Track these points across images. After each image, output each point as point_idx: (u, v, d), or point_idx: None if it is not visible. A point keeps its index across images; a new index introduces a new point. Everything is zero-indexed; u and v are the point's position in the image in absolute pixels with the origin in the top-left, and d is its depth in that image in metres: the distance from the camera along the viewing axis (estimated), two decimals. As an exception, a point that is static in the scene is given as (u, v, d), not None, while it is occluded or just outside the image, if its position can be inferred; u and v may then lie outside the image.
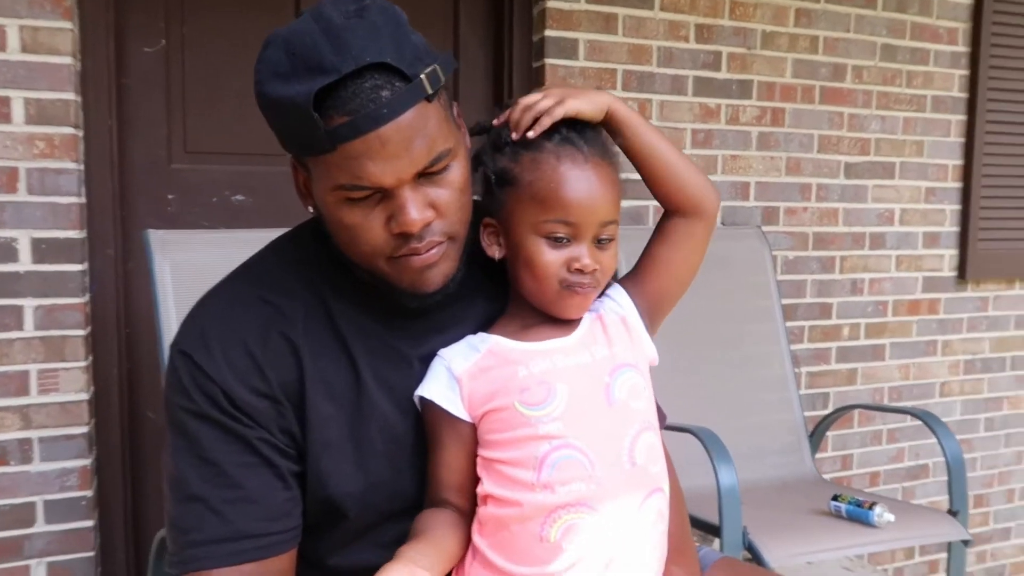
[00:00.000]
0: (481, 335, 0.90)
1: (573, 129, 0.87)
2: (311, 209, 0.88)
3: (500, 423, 0.84)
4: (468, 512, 0.88)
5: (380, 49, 0.75)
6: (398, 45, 0.77)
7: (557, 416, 0.82)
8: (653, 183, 0.94)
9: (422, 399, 0.88)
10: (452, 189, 0.83)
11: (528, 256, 0.87)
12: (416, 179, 0.80)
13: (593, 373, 0.86)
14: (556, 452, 0.82)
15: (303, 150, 0.80)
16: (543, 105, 0.86)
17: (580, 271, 0.86)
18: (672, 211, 0.95)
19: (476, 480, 0.87)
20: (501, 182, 0.87)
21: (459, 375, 0.86)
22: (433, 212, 0.82)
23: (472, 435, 0.87)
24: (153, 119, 2.00)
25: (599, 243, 0.87)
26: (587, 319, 0.91)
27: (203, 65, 2.03)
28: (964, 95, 2.78)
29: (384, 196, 0.80)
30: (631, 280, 0.96)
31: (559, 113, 0.86)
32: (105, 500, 1.91)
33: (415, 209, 0.79)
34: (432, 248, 0.83)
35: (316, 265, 0.89)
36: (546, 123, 0.86)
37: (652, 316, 0.95)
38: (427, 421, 0.89)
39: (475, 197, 0.91)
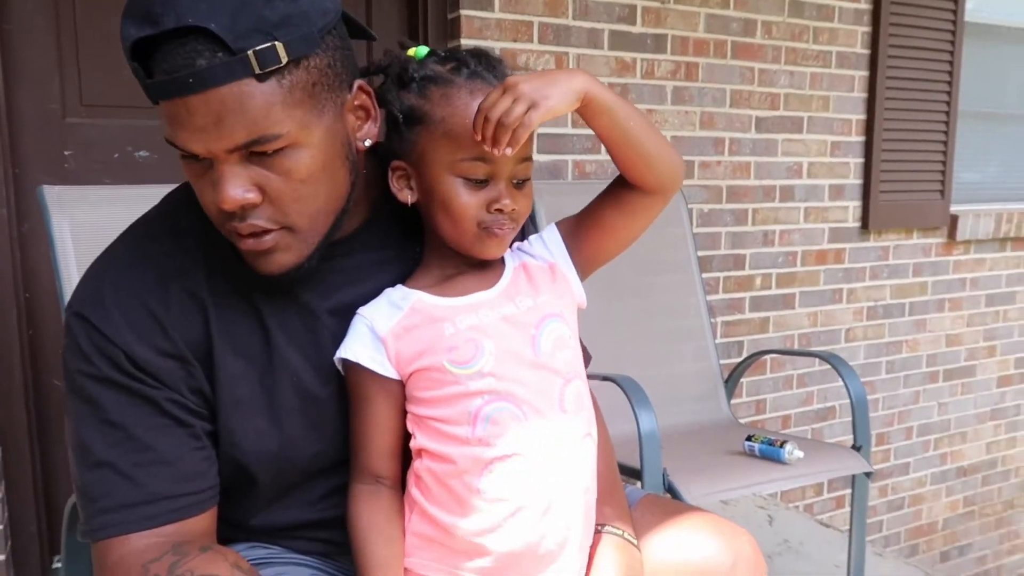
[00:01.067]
0: (401, 290, 0.88)
1: (480, 62, 0.85)
2: None
3: (430, 381, 0.83)
4: (398, 477, 0.87)
5: (210, 13, 0.69)
6: (236, 12, 0.70)
7: (487, 372, 0.82)
8: (623, 165, 0.89)
9: (345, 361, 0.85)
10: (287, 177, 0.76)
11: (444, 198, 0.84)
12: (246, 156, 0.75)
13: (519, 326, 0.85)
14: (489, 406, 0.82)
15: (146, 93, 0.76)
16: (515, 115, 0.78)
17: (500, 211, 0.84)
18: (635, 187, 0.91)
19: (406, 438, 0.86)
20: (410, 121, 0.83)
21: (383, 335, 0.84)
22: (258, 194, 0.76)
23: (401, 392, 0.85)
24: (43, 69, 1.88)
25: (516, 184, 0.85)
26: (510, 268, 0.90)
27: (96, 9, 1.90)
28: (867, 51, 2.88)
29: (211, 163, 0.75)
30: (571, 232, 0.94)
31: (535, 122, 0.79)
32: (11, 471, 1.82)
33: (231, 187, 0.74)
34: (260, 234, 0.77)
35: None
36: (523, 136, 0.80)
37: (585, 269, 0.95)
38: (352, 382, 0.86)
39: (374, 142, 0.87)
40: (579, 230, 0.94)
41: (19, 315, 1.83)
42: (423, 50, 0.88)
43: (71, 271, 1.48)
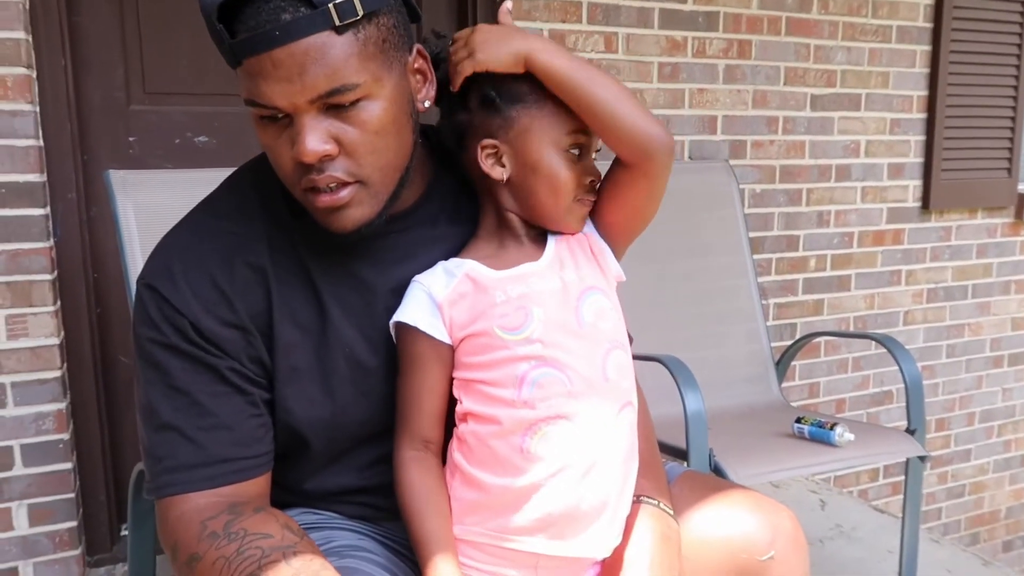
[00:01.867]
0: (456, 260, 0.91)
1: None
2: None
3: (479, 347, 0.86)
4: (442, 444, 0.90)
5: None
6: None
7: (535, 338, 0.85)
8: (596, 133, 0.90)
9: (401, 324, 0.88)
10: (363, 129, 0.80)
11: (550, 172, 0.88)
12: (323, 109, 0.78)
13: (563, 297, 0.88)
14: (535, 371, 0.84)
15: (226, 60, 0.80)
16: (455, 59, 0.87)
17: (593, 182, 0.91)
18: (619, 158, 0.92)
19: (450, 404, 0.89)
20: (510, 100, 0.87)
21: (440, 301, 0.87)
22: (335, 146, 0.80)
23: (451, 358, 0.88)
24: (109, 58, 1.96)
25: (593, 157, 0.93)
26: (552, 241, 0.92)
27: (159, 1, 1.98)
28: (929, 25, 2.79)
29: (291, 120, 0.79)
30: (593, 210, 0.97)
31: (467, 69, 0.86)
32: (82, 442, 1.92)
33: (311, 138, 0.78)
34: (337, 188, 0.81)
35: (277, 192, 0.89)
36: (458, 81, 0.87)
37: (614, 244, 0.97)
38: (405, 347, 0.89)
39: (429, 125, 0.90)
40: (596, 209, 0.96)
41: (88, 294, 1.92)
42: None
43: (135, 251, 1.55)
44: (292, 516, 0.92)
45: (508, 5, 0.91)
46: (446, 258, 0.92)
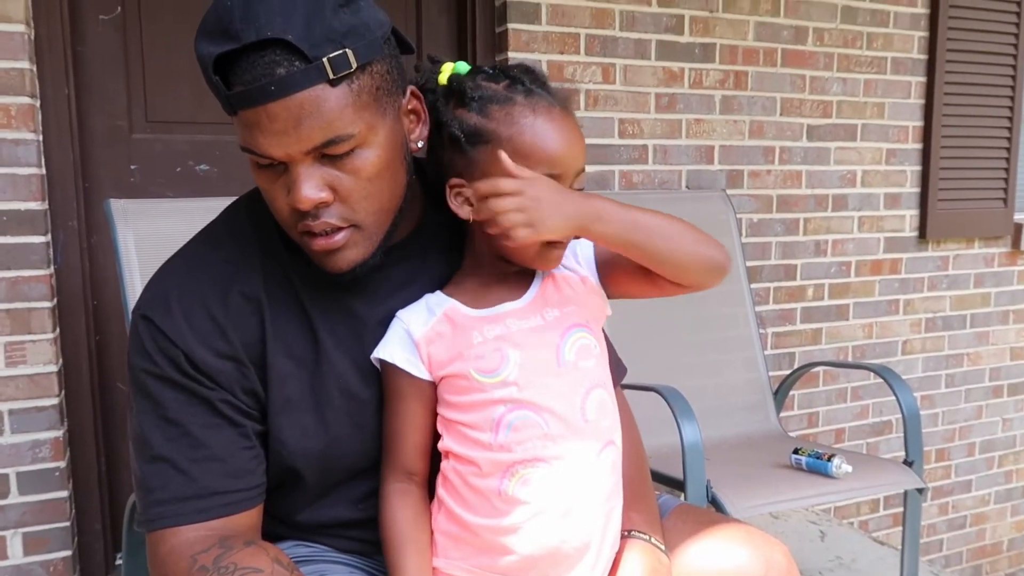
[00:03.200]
0: (438, 296, 0.91)
1: (531, 78, 0.88)
2: None
3: (457, 388, 0.87)
4: (427, 476, 0.90)
5: (286, 25, 0.75)
6: (309, 23, 0.75)
7: (511, 381, 0.85)
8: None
9: (382, 361, 0.89)
10: (357, 176, 0.81)
11: None
12: (319, 158, 0.80)
13: (544, 336, 0.88)
14: (511, 414, 0.84)
15: (224, 109, 0.81)
16: (508, 219, 0.82)
17: None
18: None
19: (436, 436, 0.90)
20: (473, 140, 0.85)
21: (417, 339, 0.88)
22: (330, 194, 0.81)
23: (433, 394, 0.89)
24: (112, 88, 1.98)
25: None
26: (538, 278, 0.92)
27: (161, 32, 2.00)
28: (924, 56, 2.82)
29: (286, 167, 0.80)
30: (604, 261, 0.94)
31: (526, 240, 0.82)
32: (79, 470, 1.92)
33: (306, 187, 0.79)
34: (332, 232, 0.82)
35: (271, 225, 0.90)
36: (512, 245, 0.84)
37: (610, 294, 0.96)
38: (388, 381, 0.90)
39: (415, 158, 0.90)
40: (610, 267, 0.94)
41: (87, 321, 1.93)
42: (463, 66, 0.91)
43: (134, 279, 1.56)
44: (285, 549, 0.92)
45: (503, 156, 0.85)
46: (435, 290, 0.92)
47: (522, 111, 0.85)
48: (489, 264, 0.91)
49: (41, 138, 1.81)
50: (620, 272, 0.93)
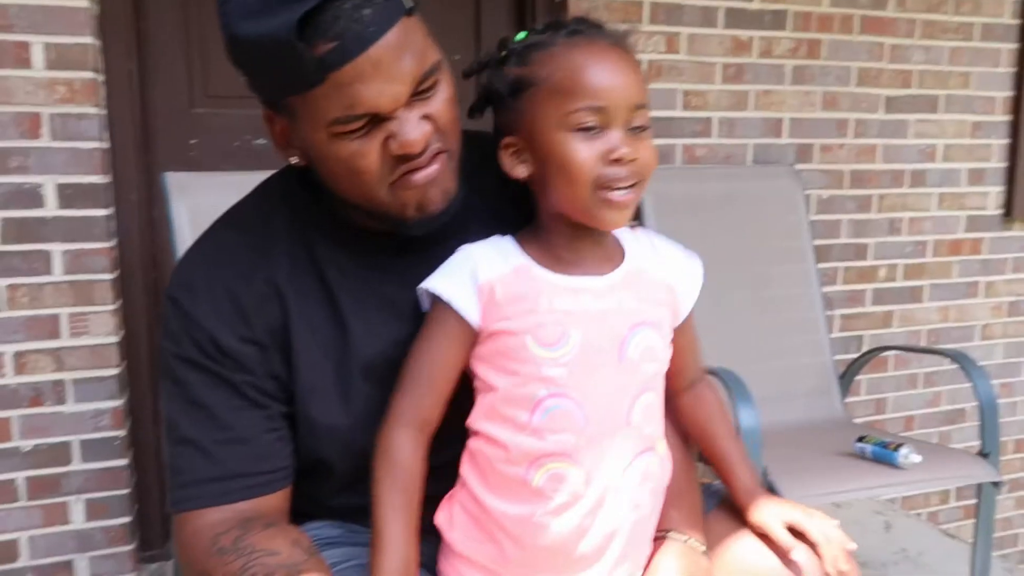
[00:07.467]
0: (512, 245, 0.85)
1: (580, 22, 0.83)
2: (294, 160, 0.85)
3: (507, 350, 0.81)
4: (435, 431, 0.84)
5: None
6: None
7: (564, 362, 0.79)
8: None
9: (433, 294, 0.83)
10: (444, 101, 0.80)
11: (560, 157, 0.78)
12: (410, 99, 0.77)
13: (613, 323, 0.82)
14: (552, 399, 0.79)
15: (286, 90, 0.77)
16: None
17: (618, 162, 0.78)
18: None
19: (455, 385, 0.84)
20: (516, 91, 0.81)
21: (481, 283, 0.81)
22: (430, 125, 0.79)
23: (473, 343, 0.83)
24: (173, 63, 2.00)
25: (633, 131, 0.79)
26: (626, 266, 0.86)
27: (220, 6, 2.01)
28: (1017, 22, 2.63)
29: (377, 122, 0.77)
30: (679, 331, 0.91)
31: None
32: (139, 440, 1.97)
33: (412, 126, 0.77)
34: (434, 161, 0.80)
35: (302, 208, 0.88)
36: None
37: None
38: (432, 318, 0.84)
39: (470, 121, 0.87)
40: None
41: (147, 294, 1.96)
42: (523, 34, 0.86)
43: (189, 253, 1.57)
44: (313, 530, 0.91)
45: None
46: None
47: (559, 49, 0.80)
48: (567, 232, 0.84)
49: (104, 113, 1.84)
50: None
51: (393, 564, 0.77)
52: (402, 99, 0.76)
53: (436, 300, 0.83)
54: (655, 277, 0.87)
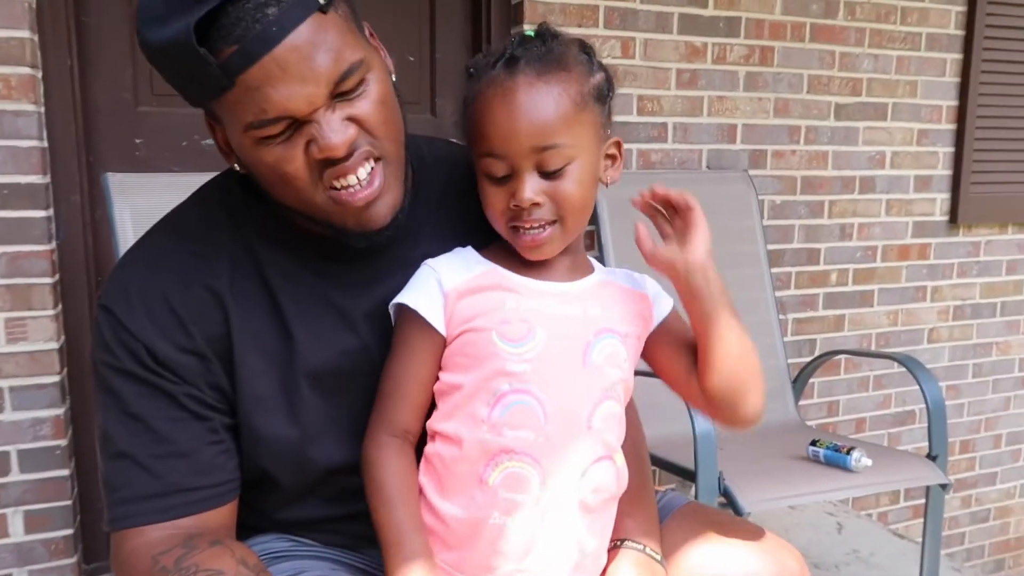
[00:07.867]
0: (475, 255, 0.86)
1: (518, 44, 0.81)
2: (237, 166, 0.82)
3: (472, 347, 0.81)
4: (418, 437, 0.85)
5: None
6: None
7: (529, 358, 0.79)
8: (703, 373, 0.85)
9: (402, 306, 0.83)
10: (373, 102, 0.76)
11: (482, 199, 0.83)
12: (331, 101, 0.74)
13: (578, 328, 0.82)
14: (514, 395, 0.79)
15: (203, 95, 0.74)
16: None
17: (518, 208, 0.80)
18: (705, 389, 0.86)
19: (431, 402, 0.84)
20: (465, 114, 0.83)
21: (448, 291, 0.82)
22: (355, 128, 0.75)
23: (441, 351, 0.83)
24: (117, 59, 1.93)
25: (547, 175, 0.80)
26: (596, 278, 0.88)
27: (167, 3, 1.95)
28: (961, 33, 2.70)
29: (298, 125, 0.74)
30: (662, 327, 0.90)
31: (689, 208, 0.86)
32: (81, 448, 1.90)
33: (331, 130, 0.73)
34: (365, 165, 0.76)
35: (243, 212, 0.85)
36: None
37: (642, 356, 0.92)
38: (401, 331, 0.84)
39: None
40: (665, 334, 0.90)
41: (90, 298, 1.90)
42: (529, 32, 0.85)
43: (132, 257, 1.52)
44: (262, 543, 0.87)
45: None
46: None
47: (482, 87, 0.81)
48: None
49: (43, 110, 1.77)
50: (669, 343, 0.88)
51: (419, 570, 0.76)
52: (318, 101, 0.72)
53: (403, 311, 0.83)
54: (629, 293, 0.88)
